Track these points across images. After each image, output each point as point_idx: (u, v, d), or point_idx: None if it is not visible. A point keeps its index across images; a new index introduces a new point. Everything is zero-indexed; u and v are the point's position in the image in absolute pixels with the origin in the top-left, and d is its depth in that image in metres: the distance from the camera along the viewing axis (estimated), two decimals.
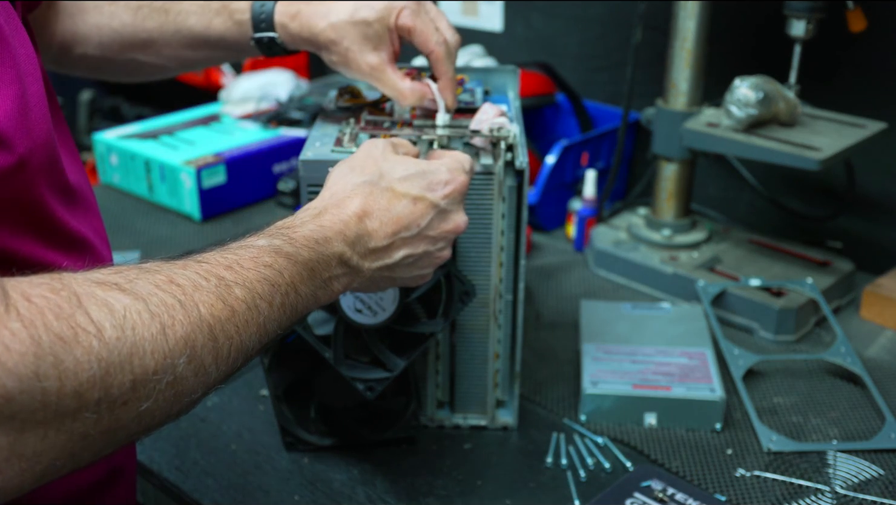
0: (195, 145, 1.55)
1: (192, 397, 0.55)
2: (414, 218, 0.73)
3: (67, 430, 0.47)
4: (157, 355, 0.51)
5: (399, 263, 0.74)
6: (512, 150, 0.89)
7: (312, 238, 0.68)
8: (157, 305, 0.52)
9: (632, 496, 0.86)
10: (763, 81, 1.17)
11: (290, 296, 0.63)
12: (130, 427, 0.51)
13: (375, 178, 0.74)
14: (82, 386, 0.47)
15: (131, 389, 0.49)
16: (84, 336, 0.47)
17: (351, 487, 0.90)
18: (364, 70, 0.91)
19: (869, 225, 1.34)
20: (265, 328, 0.60)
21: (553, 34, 1.64)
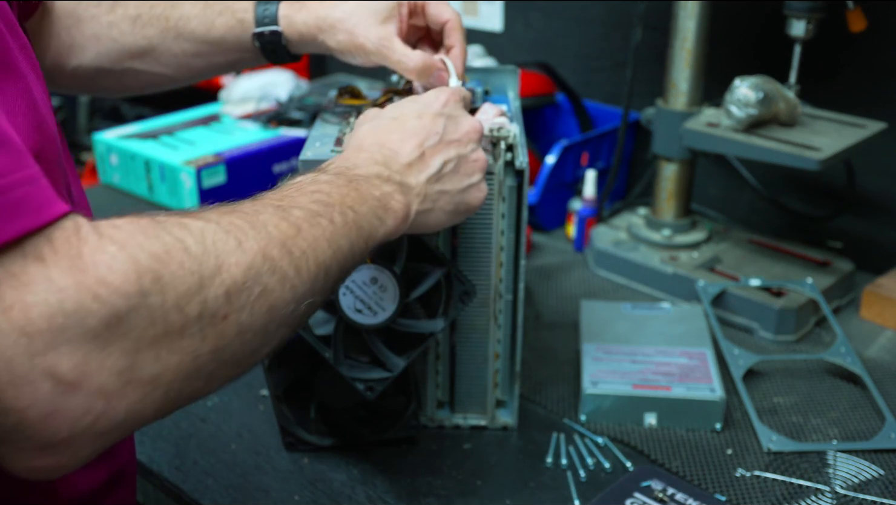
0: (195, 145, 1.55)
1: (286, 312, 0.57)
2: (427, 128, 0.75)
3: (178, 349, 0.49)
4: (242, 266, 0.53)
5: (442, 172, 0.75)
6: (512, 150, 0.89)
7: (343, 167, 0.70)
8: (227, 224, 0.54)
9: (632, 496, 0.86)
10: (763, 81, 1.17)
11: (349, 214, 0.64)
12: (235, 346, 0.53)
13: (377, 120, 0.77)
14: (182, 299, 0.49)
15: (226, 300, 0.51)
16: (175, 251, 0.49)
17: (351, 487, 0.90)
18: (372, 42, 0.91)
19: (869, 225, 1.34)
20: (337, 243, 0.62)
21: (553, 34, 1.64)
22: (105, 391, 0.46)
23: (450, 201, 0.76)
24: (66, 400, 0.45)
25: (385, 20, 0.91)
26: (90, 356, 0.45)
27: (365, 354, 0.87)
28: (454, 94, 0.79)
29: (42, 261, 0.45)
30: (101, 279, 0.46)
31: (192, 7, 0.96)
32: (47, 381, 0.44)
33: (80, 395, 0.45)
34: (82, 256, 0.46)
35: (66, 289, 0.45)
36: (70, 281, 0.45)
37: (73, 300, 0.45)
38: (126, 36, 0.94)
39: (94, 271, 0.46)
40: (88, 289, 0.45)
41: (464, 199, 0.77)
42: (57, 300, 0.44)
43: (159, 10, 0.95)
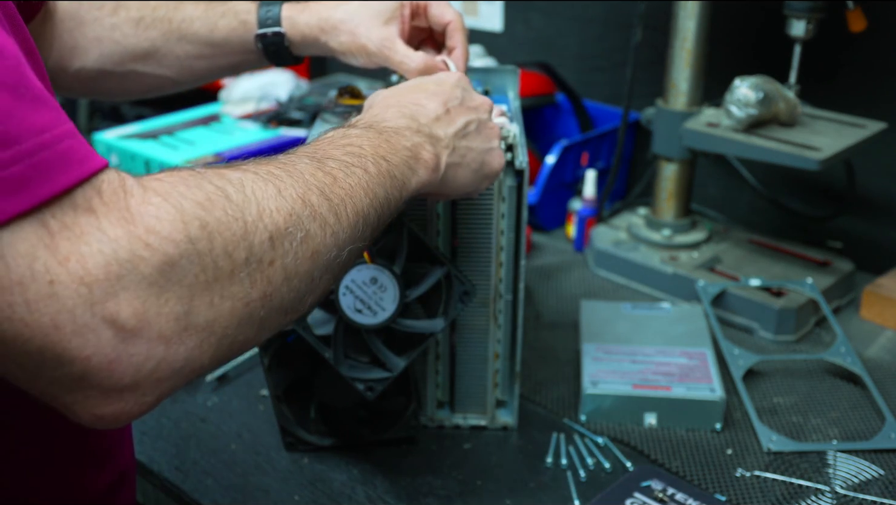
0: (195, 145, 1.55)
1: (329, 257, 0.58)
2: (447, 93, 0.77)
3: (229, 294, 0.50)
4: (283, 212, 0.54)
5: (467, 130, 0.76)
6: (512, 150, 0.90)
7: (372, 121, 0.71)
8: (265, 173, 0.56)
9: (632, 496, 0.86)
10: (763, 81, 1.17)
11: (382, 164, 0.65)
12: (283, 291, 0.54)
13: (395, 91, 0.78)
14: (229, 245, 0.50)
15: (270, 245, 0.53)
16: (217, 199, 0.51)
17: (351, 487, 0.90)
18: (374, 43, 0.91)
19: (869, 225, 1.34)
20: (373, 192, 0.63)
21: (553, 34, 1.64)
22: (164, 336, 0.48)
23: (475, 159, 0.77)
24: (128, 346, 0.46)
25: (387, 21, 0.91)
26: (148, 303, 0.47)
27: (365, 354, 0.87)
28: (463, 77, 0.81)
29: (93, 212, 0.46)
30: (149, 228, 0.47)
31: (194, 9, 0.96)
32: (109, 328, 0.45)
33: (140, 341, 0.47)
34: (129, 207, 0.47)
35: (118, 239, 0.46)
36: (121, 231, 0.46)
37: (126, 249, 0.46)
38: (129, 38, 0.94)
39: (143, 221, 0.47)
40: (139, 238, 0.46)
41: (487, 159, 0.78)
42: (111, 249, 0.46)
43: (162, 12, 0.95)
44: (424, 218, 0.91)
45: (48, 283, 0.44)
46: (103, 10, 0.94)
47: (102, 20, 0.94)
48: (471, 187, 0.78)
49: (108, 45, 0.94)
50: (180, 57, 0.96)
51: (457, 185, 0.76)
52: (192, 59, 0.96)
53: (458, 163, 0.75)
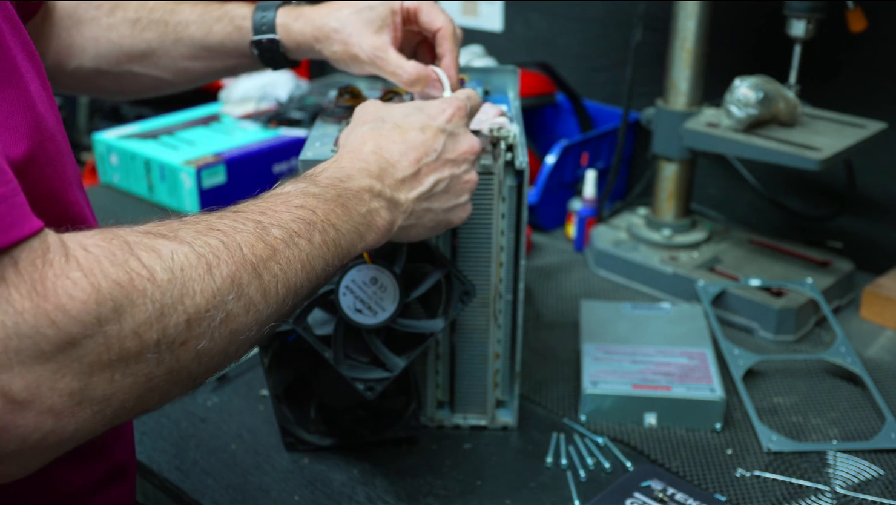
0: (195, 145, 1.55)
1: (248, 335, 0.57)
2: (428, 144, 0.75)
3: (132, 372, 0.50)
4: (207, 294, 0.53)
5: (433, 191, 0.75)
6: (512, 150, 0.90)
7: (335, 177, 0.70)
8: (201, 246, 0.54)
9: (632, 496, 0.86)
10: (763, 81, 1.17)
11: (330, 232, 0.64)
12: (192, 368, 0.53)
13: (379, 123, 0.76)
14: (141, 327, 0.49)
15: (186, 327, 0.52)
16: (139, 280, 0.50)
17: (351, 487, 0.90)
18: (366, 52, 0.91)
19: (869, 225, 1.34)
20: (311, 265, 0.62)
21: (553, 34, 1.64)
22: (55, 411, 0.47)
23: (433, 218, 0.77)
24: (16, 417, 0.46)
25: (379, 30, 0.91)
26: (42, 378, 0.46)
27: (365, 354, 0.87)
28: (461, 109, 0.79)
29: (4, 281, 0.46)
30: (59, 305, 0.46)
31: (191, 12, 0.96)
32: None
33: (30, 413, 0.46)
34: (45, 279, 0.46)
35: (23, 312, 0.45)
36: (28, 304, 0.46)
37: (30, 324, 0.46)
38: (125, 39, 0.94)
39: (54, 297, 0.46)
40: (46, 314, 0.46)
41: (447, 217, 0.78)
42: (13, 322, 0.45)
43: (158, 13, 0.95)
44: None
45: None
46: (101, 10, 0.94)
47: (100, 20, 0.94)
48: (421, 238, 0.78)
49: (105, 44, 0.94)
50: (176, 59, 0.96)
51: (406, 238, 0.77)
52: (188, 62, 0.96)
53: (412, 224, 0.75)
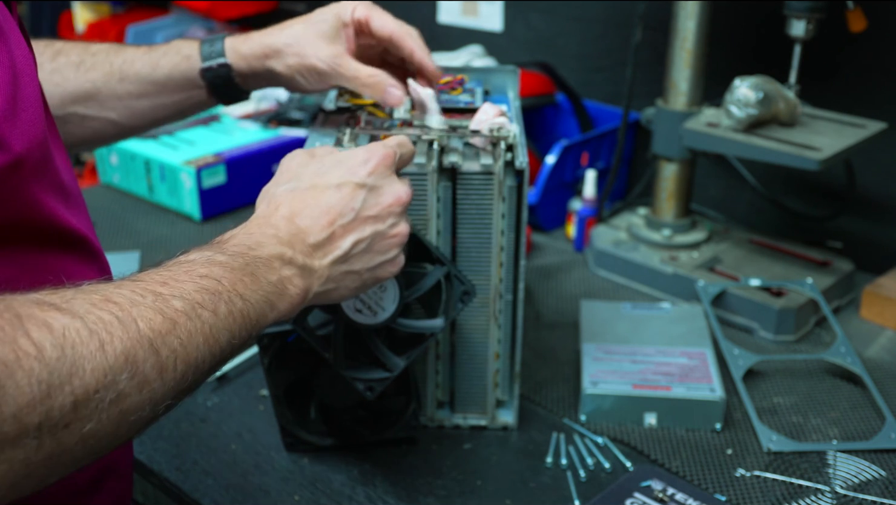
0: (195, 145, 1.55)
1: (140, 415, 0.53)
2: (344, 203, 0.72)
3: (8, 458, 0.46)
4: (98, 373, 0.49)
5: (352, 253, 0.72)
6: (512, 150, 0.89)
7: (244, 244, 0.66)
8: (94, 322, 0.51)
9: (632, 496, 0.86)
10: (763, 81, 1.17)
11: (237, 303, 0.61)
12: (75, 451, 0.50)
13: (294, 183, 0.74)
14: (22, 411, 0.46)
15: (72, 409, 0.48)
16: (25, 359, 0.46)
17: (351, 487, 0.90)
18: (323, 61, 0.89)
19: (869, 225, 1.34)
20: (215, 338, 0.59)
21: (553, 34, 1.64)
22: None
23: (356, 279, 0.74)
24: None
25: (332, 41, 0.90)
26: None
27: (365, 354, 0.87)
28: (386, 158, 0.75)
29: None
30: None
31: (135, 51, 0.95)
32: None
33: None
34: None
35: None
36: None
37: None
38: (69, 81, 0.92)
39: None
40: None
41: (373, 274, 0.75)
42: None
43: (102, 56, 0.94)
44: (424, 218, 0.91)
45: None
46: (43, 56, 0.92)
47: (43, 65, 0.91)
48: (340, 300, 0.76)
49: (49, 87, 0.90)
50: (122, 97, 0.93)
51: (329, 301, 0.74)
52: (134, 99, 0.94)
53: (331, 288, 0.72)
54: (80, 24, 2.37)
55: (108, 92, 0.93)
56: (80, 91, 0.93)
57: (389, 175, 0.75)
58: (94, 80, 0.93)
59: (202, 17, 2.18)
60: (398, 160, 0.77)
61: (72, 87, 0.93)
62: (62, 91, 0.92)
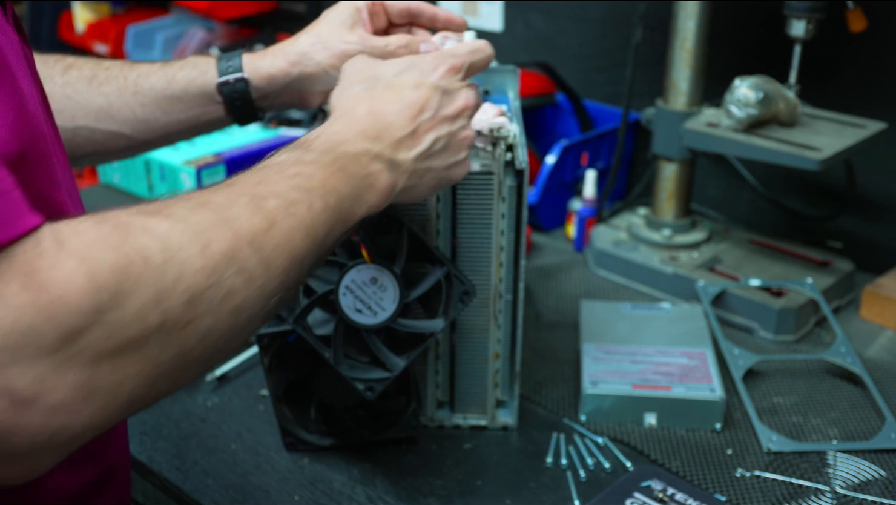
0: (195, 145, 1.55)
1: (252, 311, 0.56)
2: (423, 101, 0.74)
3: (138, 359, 0.49)
4: (205, 272, 0.52)
5: (432, 150, 0.74)
6: (512, 150, 0.89)
7: (331, 141, 0.69)
8: (195, 224, 0.54)
9: (632, 496, 0.86)
10: (763, 81, 1.17)
11: (329, 198, 0.63)
12: (198, 350, 0.53)
13: (372, 82, 0.75)
14: (141, 312, 0.48)
15: (188, 308, 0.51)
16: (135, 263, 0.49)
17: (351, 487, 0.90)
18: (353, 45, 0.89)
19: (869, 225, 1.34)
20: (312, 233, 0.61)
21: (553, 34, 1.64)
22: (64, 406, 0.47)
23: (434, 177, 0.76)
24: (24, 416, 0.46)
25: (352, 26, 0.91)
26: (46, 373, 0.46)
27: (365, 354, 0.87)
28: (453, 65, 0.77)
29: None
30: (56, 297, 0.46)
31: (149, 66, 0.94)
32: (4, 398, 0.45)
33: (37, 411, 0.46)
34: (39, 272, 0.46)
35: (21, 307, 0.45)
36: (25, 299, 0.45)
37: (28, 319, 0.45)
38: (82, 94, 0.91)
39: (51, 289, 0.46)
40: (43, 308, 0.45)
41: (448, 174, 0.77)
42: (11, 319, 0.45)
43: (116, 70, 0.93)
44: (424, 218, 0.91)
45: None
46: (54, 70, 0.92)
47: (54, 78, 0.91)
48: (420, 199, 0.77)
49: (60, 100, 0.90)
50: (136, 111, 0.92)
51: (408, 199, 0.76)
52: (149, 114, 0.93)
53: (414, 184, 0.74)
54: (80, 24, 2.37)
55: (122, 105, 0.92)
56: (92, 105, 0.92)
57: (458, 80, 0.78)
58: (107, 93, 0.92)
59: (202, 17, 2.18)
60: (468, 68, 0.79)
61: (84, 101, 0.92)
62: (74, 104, 0.91)
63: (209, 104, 0.93)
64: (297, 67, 0.91)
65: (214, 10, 2.10)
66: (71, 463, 0.68)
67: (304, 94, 0.95)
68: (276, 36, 1.93)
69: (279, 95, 0.94)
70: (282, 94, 0.94)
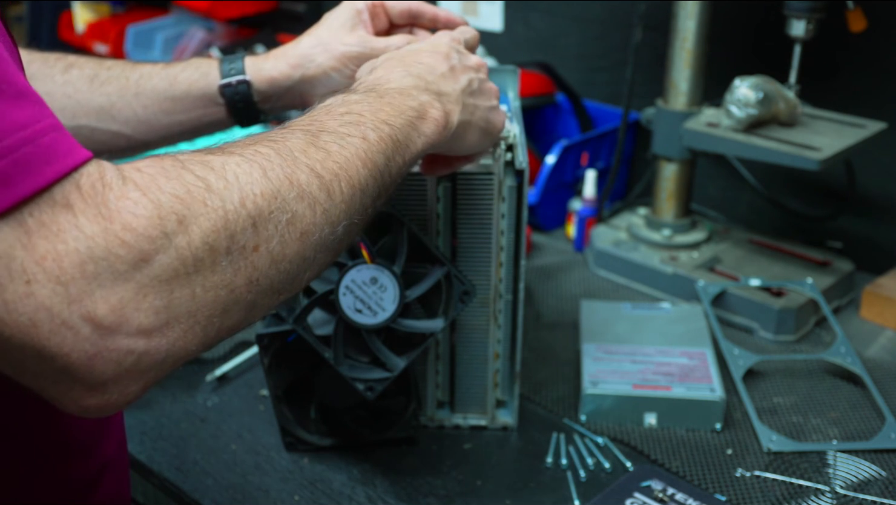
0: (195, 145, 1.54)
1: (320, 235, 0.57)
2: (445, 55, 0.76)
3: (212, 284, 0.51)
4: (267, 195, 0.54)
5: (471, 88, 0.76)
6: (512, 150, 0.90)
7: (376, 83, 0.70)
8: (251, 154, 0.56)
9: (632, 496, 0.86)
10: (763, 81, 1.17)
11: (384, 129, 0.64)
12: (270, 275, 0.54)
13: (394, 55, 0.77)
14: (209, 236, 0.50)
15: (253, 231, 0.53)
16: (196, 190, 0.51)
17: (351, 487, 0.90)
18: (354, 46, 0.90)
19: (869, 225, 1.34)
20: (372, 161, 0.62)
21: (553, 34, 1.64)
22: (144, 330, 0.48)
23: (482, 117, 0.77)
24: (107, 342, 0.47)
25: (353, 28, 0.92)
26: (125, 299, 0.47)
27: (365, 354, 0.87)
28: (455, 39, 0.80)
29: (70, 208, 0.46)
30: (125, 224, 0.47)
31: (151, 66, 0.94)
32: (86, 325, 0.46)
33: (120, 336, 0.47)
34: (107, 202, 0.47)
35: (94, 236, 0.46)
36: (97, 228, 0.47)
37: (102, 246, 0.46)
38: (81, 93, 0.92)
39: (119, 217, 0.47)
40: (115, 235, 0.47)
41: (492, 118, 0.79)
42: (87, 247, 0.46)
43: (117, 70, 0.93)
44: (424, 218, 0.91)
45: (25, 282, 0.45)
46: (54, 69, 0.92)
47: (54, 77, 0.91)
48: (478, 147, 0.79)
49: (60, 99, 0.91)
50: (137, 112, 0.93)
51: (466, 145, 0.77)
52: (151, 114, 0.93)
53: (468, 120, 0.75)
54: (80, 24, 2.36)
55: (123, 105, 0.93)
56: (93, 104, 0.92)
57: (463, 49, 0.80)
58: (108, 93, 0.92)
59: (202, 17, 2.18)
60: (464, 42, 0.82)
61: (84, 100, 0.92)
62: (74, 103, 0.92)
63: (211, 106, 0.94)
64: (298, 70, 0.92)
65: (214, 10, 2.10)
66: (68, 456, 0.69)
67: (305, 97, 0.95)
68: (276, 36, 1.93)
69: (281, 98, 0.94)
70: (284, 96, 0.94)
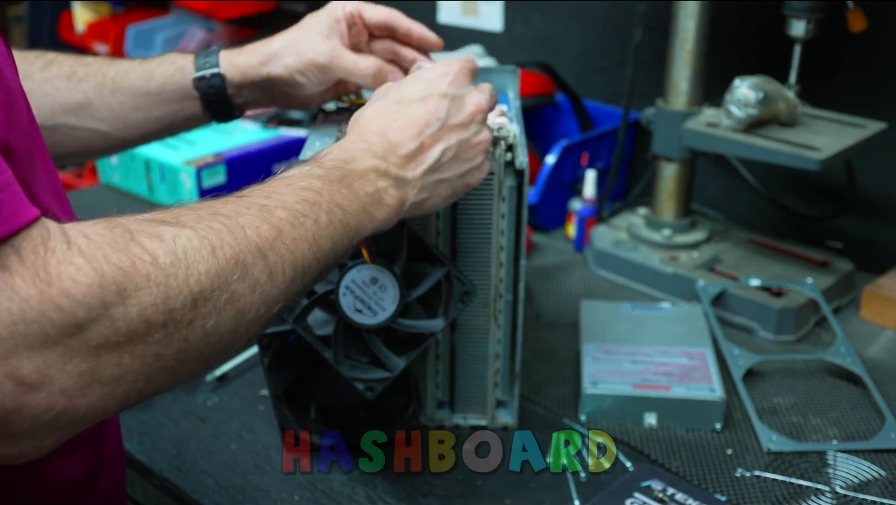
0: (195, 145, 1.55)
1: (255, 315, 0.58)
2: (430, 113, 0.75)
3: (140, 353, 0.51)
4: (210, 274, 0.54)
5: (441, 162, 0.75)
6: (512, 150, 0.90)
7: (340, 159, 0.70)
8: (204, 230, 0.56)
9: (632, 496, 0.86)
10: (763, 81, 1.17)
11: (336, 213, 0.65)
12: (201, 348, 0.55)
13: (383, 101, 0.77)
14: (146, 309, 0.50)
15: (192, 308, 0.53)
16: (141, 264, 0.51)
17: (351, 487, 0.90)
18: (323, 55, 0.90)
19: (869, 225, 1.34)
20: (318, 245, 0.63)
21: (553, 34, 1.64)
22: (66, 391, 0.49)
23: (448, 187, 0.77)
24: (28, 399, 0.48)
25: (327, 36, 0.92)
26: (50, 361, 0.48)
27: (365, 354, 0.87)
28: (462, 69, 0.78)
29: (7, 270, 0.47)
30: (64, 290, 0.48)
31: (128, 64, 0.95)
32: (9, 382, 0.47)
33: (41, 394, 0.48)
34: (48, 266, 0.48)
35: (28, 298, 0.47)
36: (33, 291, 0.47)
37: (35, 310, 0.47)
38: (61, 91, 0.92)
39: (58, 283, 0.48)
40: (51, 299, 0.47)
41: (463, 181, 0.78)
42: (18, 309, 0.47)
43: (95, 67, 0.94)
44: (424, 218, 0.91)
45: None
46: (34, 66, 0.92)
47: (33, 75, 0.91)
48: (436, 210, 0.78)
49: (38, 97, 0.90)
50: (114, 108, 0.93)
51: (423, 212, 0.77)
52: (127, 111, 0.94)
53: (425, 198, 0.75)
54: (80, 24, 2.37)
55: (100, 103, 0.93)
56: (71, 102, 0.92)
57: (468, 85, 0.79)
58: (85, 91, 0.92)
59: (202, 17, 2.18)
60: (472, 72, 0.80)
61: (62, 98, 0.92)
62: (52, 101, 0.92)
63: (186, 100, 0.94)
64: (265, 67, 0.92)
65: (214, 10, 2.10)
66: (64, 455, 0.69)
67: (284, 96, 0.95)
68: None
69: (252, 92, 0.95)
70: (255, 90, 0.95)
